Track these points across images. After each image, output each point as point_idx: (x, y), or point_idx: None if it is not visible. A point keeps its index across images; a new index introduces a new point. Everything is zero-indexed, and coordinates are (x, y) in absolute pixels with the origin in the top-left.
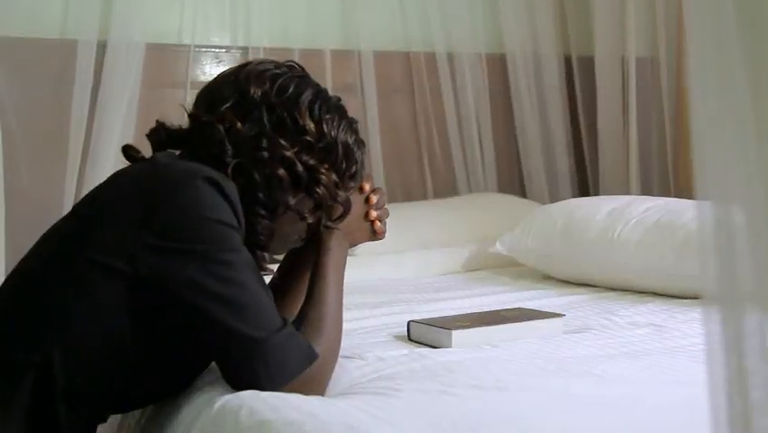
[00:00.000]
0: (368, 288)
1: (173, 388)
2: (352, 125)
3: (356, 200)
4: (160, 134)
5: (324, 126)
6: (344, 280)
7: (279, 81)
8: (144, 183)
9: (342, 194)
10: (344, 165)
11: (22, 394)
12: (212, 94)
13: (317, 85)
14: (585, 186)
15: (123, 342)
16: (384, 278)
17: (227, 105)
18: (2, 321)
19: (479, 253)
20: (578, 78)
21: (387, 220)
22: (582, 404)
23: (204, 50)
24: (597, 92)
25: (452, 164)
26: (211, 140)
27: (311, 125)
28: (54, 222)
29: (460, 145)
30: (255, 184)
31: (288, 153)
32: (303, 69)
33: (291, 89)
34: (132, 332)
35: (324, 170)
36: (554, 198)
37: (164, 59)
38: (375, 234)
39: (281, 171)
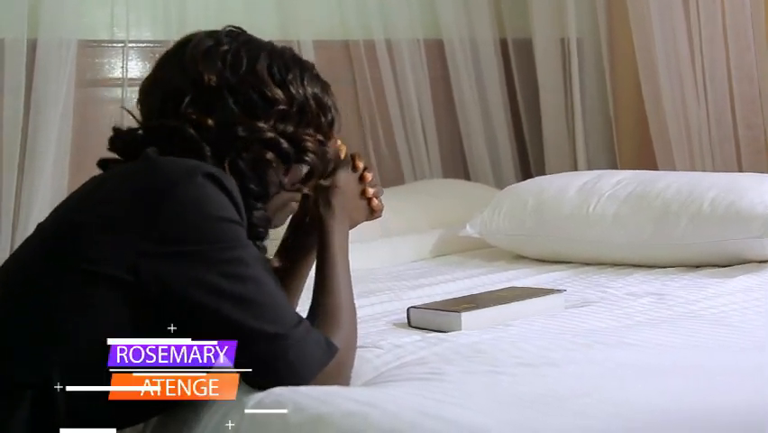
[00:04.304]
0: None
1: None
2: (312, 72)
3: (351, 179)
4: (117, 143)
5: (291, 88)
6: None
7: (229, 58)
8: (140, 183)
9: (330, 150)
10: (321, 118)
11: (21, 415)
12: (161, 87)
13: (265, 43)
14: (528, 167)
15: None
16: (355, 268)
17: (186, 101)
18: None
19: (446, 238)
20: (515, 61)
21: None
22: (642, 373)
23: (140, 45)
24: (537, 74)
25: (397, 151)
26: (184, 144)
27: (279, 93)
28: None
29: (403, 132)
30: (244, 176)
31: (270, 135)
32: (242, 30)
33: (245, 62)
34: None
35: (306, 135)
36: (499, 180)
37: (98, 55)
38: (373, 213)
39: (269, 155)
